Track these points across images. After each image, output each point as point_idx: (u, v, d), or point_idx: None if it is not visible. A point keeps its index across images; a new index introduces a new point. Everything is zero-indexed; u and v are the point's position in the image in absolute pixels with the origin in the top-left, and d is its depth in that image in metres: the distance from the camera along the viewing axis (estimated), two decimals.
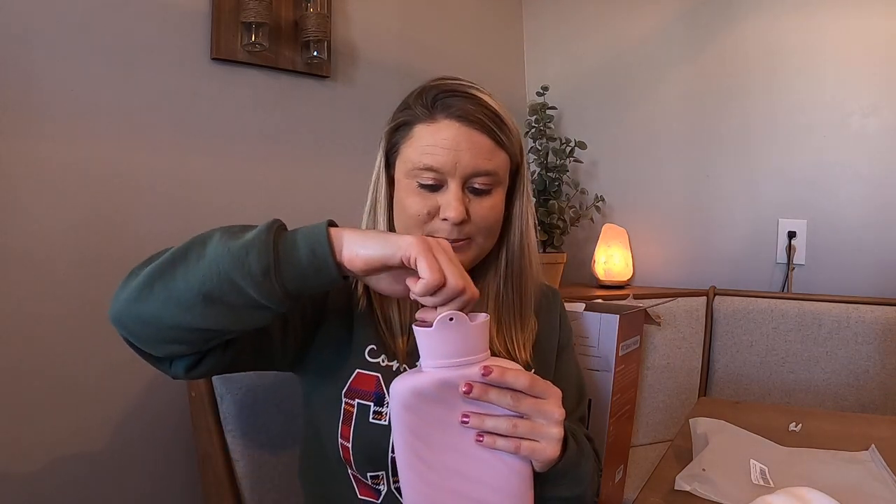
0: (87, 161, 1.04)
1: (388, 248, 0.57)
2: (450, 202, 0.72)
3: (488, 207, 0.75)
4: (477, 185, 0.74)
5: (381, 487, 0.75)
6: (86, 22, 1.03)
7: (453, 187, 0.73)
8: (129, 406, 1.09)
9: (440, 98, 0.73)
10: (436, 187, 0.73)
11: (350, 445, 0.73)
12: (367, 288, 0.77)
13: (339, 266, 0.58)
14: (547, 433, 0.60)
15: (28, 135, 0.97)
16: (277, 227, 0.58)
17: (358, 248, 0.57)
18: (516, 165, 0.79)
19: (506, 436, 0.59)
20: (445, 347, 0.57)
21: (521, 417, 0.60)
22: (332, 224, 0.60)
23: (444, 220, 0.73)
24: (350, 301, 0.78)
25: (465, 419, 0.59)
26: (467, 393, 0.58)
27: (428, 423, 0.59)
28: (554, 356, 0.87)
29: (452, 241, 0.74)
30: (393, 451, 0.73)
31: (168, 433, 1.13)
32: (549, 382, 0.62)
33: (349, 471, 0.76)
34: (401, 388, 0.59)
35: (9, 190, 0.96)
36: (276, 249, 0.56)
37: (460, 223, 0.73)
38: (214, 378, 0.97)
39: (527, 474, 0.62)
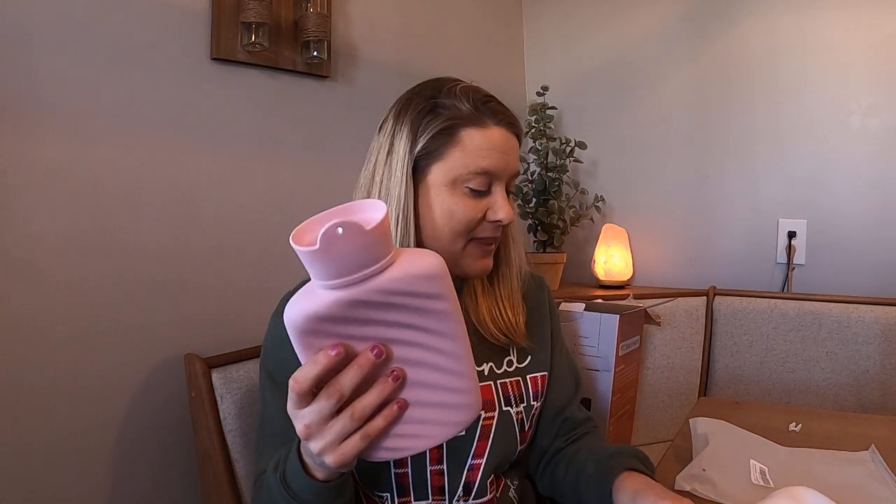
0: (86, 161, 1.04)
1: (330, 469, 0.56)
2: (501, 205, 0.75)
3: (513, 207, 0.80)
4: (509, 188, 0.78)
5: (385, 499, 0.76)
6: (86, 22, 1.03)
7: (500, 190, 0.75)
8: (129, 406, 1.08)
9: (488, 105, 0.75)
10: (484, 192, 0.74)
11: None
12: None
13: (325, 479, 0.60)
14: None
15: (26, 135, 0.97)
16: None
17: (317, 472, 0.59)
18: None
19: None
20: (339, 265, 0.45)
21: None
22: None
23: (494, 221, 0.75)
24: None
25: None
26: None
27: (336, 339, 0.49)
28: (549, 339, 0.88)
29: (489, 245, 0.78)
30: (396, 467, 0.74)
31: (168, 433, 1.13)
32: None
33: (360, 488, 0.77)
34: (296, 316, 0.48)
35: (7, 191, 0.95)
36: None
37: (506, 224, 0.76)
38: (214, 378, 0.98)
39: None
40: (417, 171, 0.74)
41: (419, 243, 0.75)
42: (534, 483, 0.92)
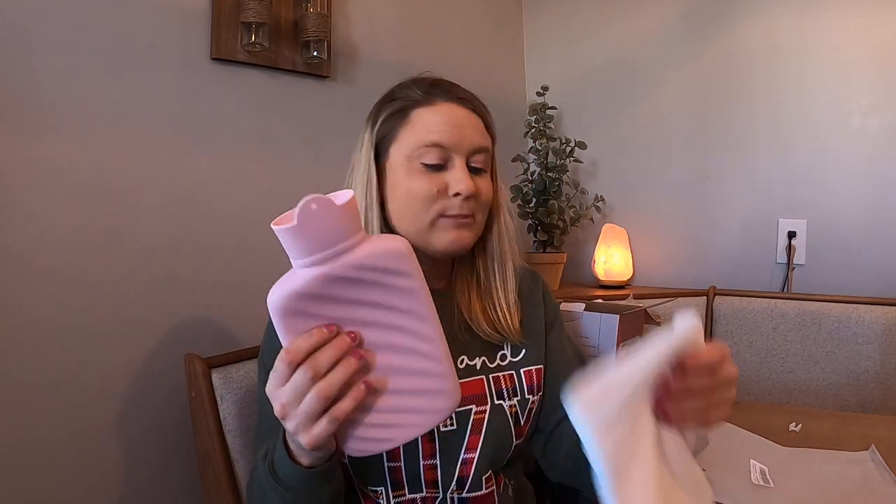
0: (86, 161, 1.04)
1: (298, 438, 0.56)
2: (460, 178, 0.74)
3: (487, 185, 0.79)
4: (475, 164, 0.77)
5: (382, 502, 0.76)
6: (85, 22, 1.03)
7: (459, 163, 0.75)
8: (129, 406, 1.09)
9: (438, 85, 0.78)
10: (440, 167, 0.75)
11: (347, 461, 0.74)
12: None
13: (311, 463, 0.60)
14: (726, 397, 0.58)
15: (26, 135, 0.97)
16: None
17: (301, 458, 0.60)
18: (492, 152, 0.84)
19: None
20: (316, 240, 0.50)
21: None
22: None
23: (456, 195, 0.75)
24: None
25: (658, 404, 0.55)
26: (666, 390, 0.54)
27: (316, 320, 0.53)
28: (543, 335, 0.88)
29: (461, 218, 0.76)
30: (389, 461, 0.74)
31: (168, 433, 1.13)
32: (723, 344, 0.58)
33: (356, 483, 0.77)
34: (278, 297, 0.52)
35: (8, 191, 0.95)
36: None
37: (469, 197, 0.75)
38: (214, 378, 0.97)
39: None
40: (380, 157, 0.78)
41: (388, 228, 0.78)
42: (535, 483, 0.92)
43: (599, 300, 1.47)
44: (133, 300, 1.09)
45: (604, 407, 0.49)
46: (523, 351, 0.85)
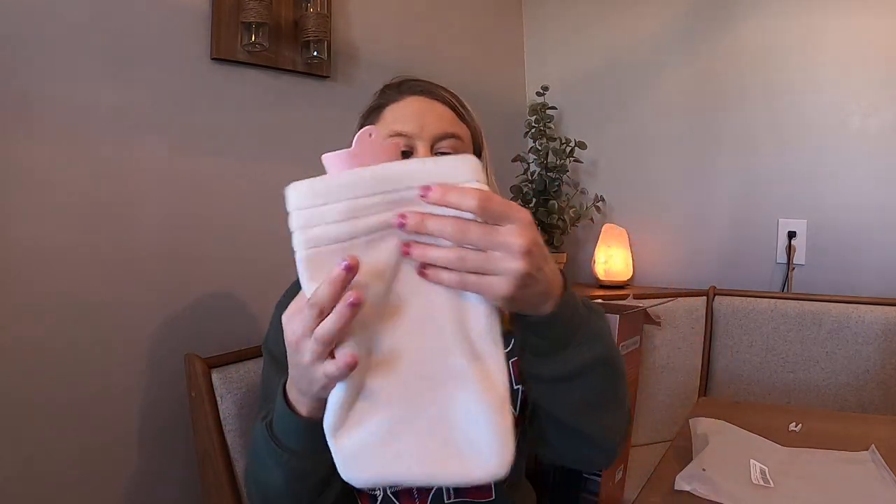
0: (85, 161, 1.03)
1: (301, 384, 0.56)
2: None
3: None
4: (443, 150, 0.78)
5: (378, 493, 0.76)
6: (85, 22, 1.03)
7: (423, 149, 0.77)
8: (129, 406, 1.09)
9: (406, 83, 0.82)
10: (405, 153, 0.77)
11: None
12: None
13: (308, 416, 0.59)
14: (502, 268, 0.49)
15: (26, 135, 0.97)
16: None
17: (300, 407, 0.59)
18: (479, 147, 0.84)
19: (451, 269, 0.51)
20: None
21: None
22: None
23: None
24: None
25: (406, 249, 0.51)
26: (402, 226, 0.50)
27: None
28: None
29: None
30: None
31: (168, 433, 1.13)
32: (512, 203, 0.51)
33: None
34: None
35: (7, 191, 0.95)
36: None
37: None
38: (214, 378, 0.98)
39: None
40: None
41: None
42: (534, 482, 0.92)
43: (599, 300, 1.47)
44: (133, 300, 1.09)
45: (324, 198, 0.51)
46: (512, 341, 0.84)
